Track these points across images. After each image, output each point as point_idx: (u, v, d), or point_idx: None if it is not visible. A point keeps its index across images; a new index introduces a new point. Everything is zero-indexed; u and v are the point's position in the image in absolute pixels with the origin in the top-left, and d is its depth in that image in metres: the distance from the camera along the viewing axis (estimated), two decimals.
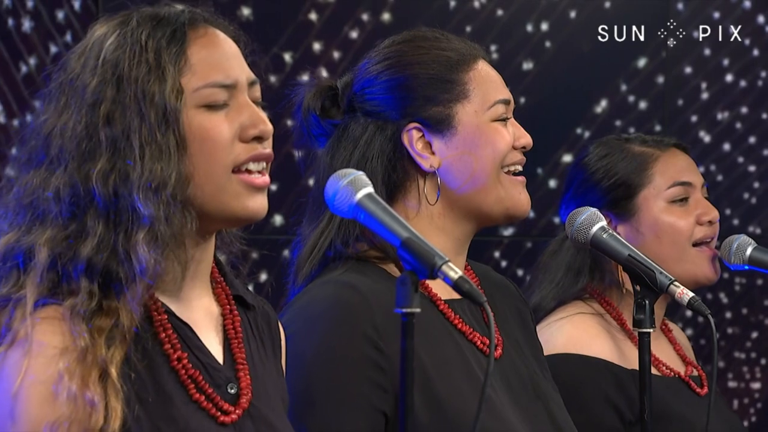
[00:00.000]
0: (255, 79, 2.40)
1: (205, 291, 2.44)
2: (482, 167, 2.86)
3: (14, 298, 2.28)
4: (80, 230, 2.30)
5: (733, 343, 4.66)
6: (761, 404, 4.67)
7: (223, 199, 2.35)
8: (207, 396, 2.35)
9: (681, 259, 3.35)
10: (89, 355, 2.25)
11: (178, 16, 2.36)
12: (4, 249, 2.31)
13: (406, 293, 2.28)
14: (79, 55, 2.36)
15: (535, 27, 4.49)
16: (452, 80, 2.88)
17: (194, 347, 2.37)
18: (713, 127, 4.64)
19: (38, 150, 2.35)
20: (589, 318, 3.32)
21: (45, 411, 2.24)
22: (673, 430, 3.19)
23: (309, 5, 4.32)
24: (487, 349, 2.86)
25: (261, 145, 2.37)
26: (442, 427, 2.73)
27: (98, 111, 2.31)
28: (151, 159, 2.30)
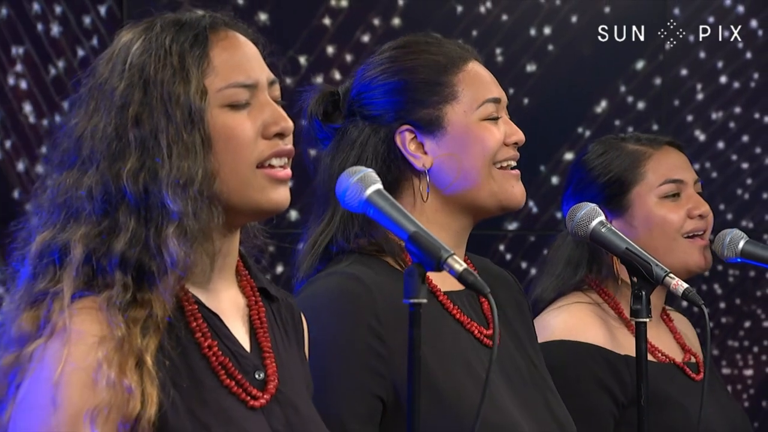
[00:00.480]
0: (274, 78, 2.40)
1: (231, 283, 2.44)
2: (473, 164, 2.85)
3: (51, 292, 2.28)
4: (113, 226, 2.30)
5: (726, 332, 4.65)
6: (753, 390, 4.67)
7: (249, 192, 2.35)
8: (237, 382, 2.35)
9: (672, 250, 3.35)
10: (126, 344, 2.25)
11: (199, 21, 2.37)
12: (40, 246, 2.31)
13: (413, 284, 2.28)
14: (107, 61, 2.36)
15: (538, 31, 4.49)
16: (441, 83, 2.87)
17: (223, 336, 2.37)
18: (708, 127, 4.64)
19: (70, 152, 2.35)
20: (585, 307, 3.32)
21: (86, 397, 2.24)
22: (666, 413, 3.17)
23: (323, 10, 4.32)
24: (486, 339, 2.87)
25: (282, 141, 2.37)
26: (440, 413, 2.73)
27: (127, 113, 2.31)
28: (178, 157, 2.30)
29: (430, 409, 2.71)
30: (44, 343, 2.25)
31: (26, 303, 2.29)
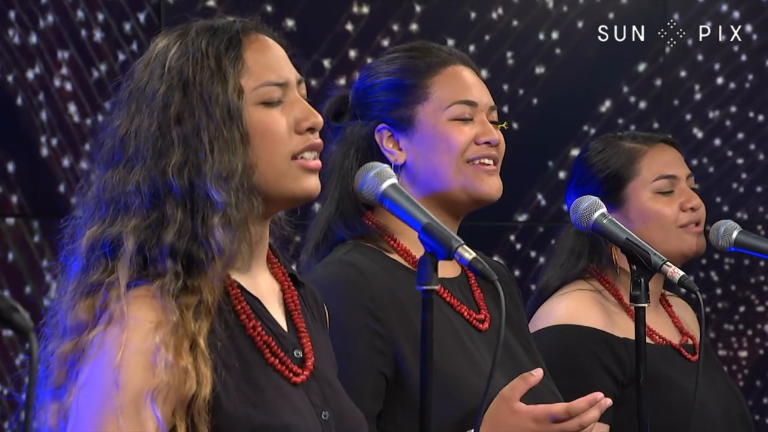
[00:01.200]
0: (301, 78, 2.41)
1: (265, 269, 2.45)
2: (440, 161, 2.86)
3: (106, 282, 2.28)
4: (161, 218, 2.30)
5: (723, 316, 4.64)
6: (748, 370, 4.66)
7: (284, 182, 2.36)
8: (279, 359, 2.36)
9: (668, 240, 3.35)
10: (180, 328, 2.25)
11: (231, 25, 2.38)
12: (90, 240, 2.31)
13: (426, 272, 2.29)
14: (145, 66, 2.37)
15: (546, 36, 4.48)
16: (414, 84, 2.88)
17: (264, 317, 2.38)
18: (705, 125, 4.63)
19: (114, 151, 2.35)
20: (586, 294, 3.31)
21: (146, 379, 2.24)
22: (662, 392, 3.16)
23: (346, 17, 4.32)
24: (476, 322, 2.90)
25: (313, 135, 2.38)
26: (438, 390, 2.66)
27: (169, 113, 2.32)
28: (219, 152, 2.31)
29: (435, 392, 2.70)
30: (103, 329, 2.25)
31: (81, 294, 2.29)
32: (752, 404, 4.58)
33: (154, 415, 2.23)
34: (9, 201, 4.00)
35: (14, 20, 4.01)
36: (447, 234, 2.31)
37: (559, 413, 2.69)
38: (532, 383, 2.69)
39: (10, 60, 3.99)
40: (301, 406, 2.35)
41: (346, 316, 2.69)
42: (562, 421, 2.69)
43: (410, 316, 2.76)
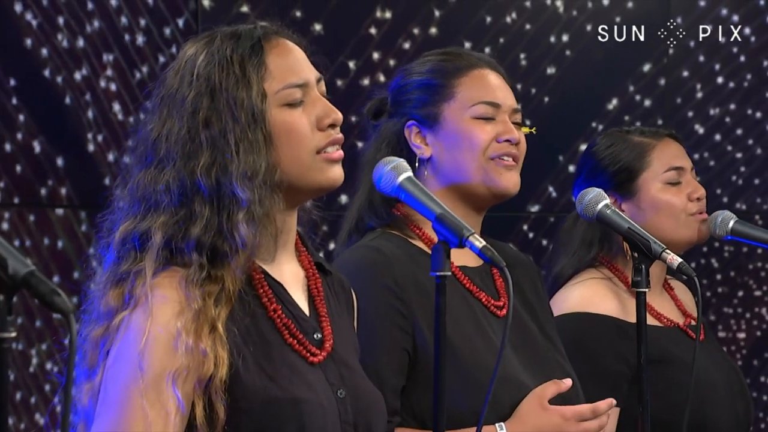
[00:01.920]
0: (320, 76, 2.41)
1: (291, 258, 2.45)
2: (464, 156, 2.85)
3: (134, 271, 2.29)
4: (189, 215, 2.31)
5: (722, 300, 4.63)
6: (746, 350, 4.65)
7: (311, 174, 2.36)
8: (298, 340, 2.36)
9: (677, 228, 3.33)
10: (201, 314, 2.26)
11: (253, 32, 2.37)
12: (123, 234, 2.33)
13: (439, 259, 2.28)
14: (175, 73, 2.37)
15: (557, 38, 4.48)
16: (442, 84, 2.87)
17: (286, 302, 2.38)
18: (706, 121, 4.62)
19: (147, 153, 2.36)
20: (598, 282, 3.29)
21: (167, 361, 2.25)
22: (671, 370, 3.15)
23: (369, 21, 4.32)
24: (494, 308, 2.88)
25: (334, 130, 2.38)
26: (454, 366, 2.73)
27: (197, 117, 2.32)
28: (244, 153, 2.31)
29: (450, 365, 2.64)
30: (129, 314, 2.27)
31: (112, 282, 2.31)
32: (750, 382, 4.57)
33: (175, 395, 2.23)
34: (58, 193, 4.02)
35: (63, 25, 4.02)
36: (459, 223, 2.29)
37: (585, 413, 2.70)
38: (562, 389, 2.70)
39: (59, 62, 4.01)
40: (317, 383, 2.35)
41: (371, 297, 2.68)
42: (587, 420, 2.69)
43: (431, 299, 2.63)
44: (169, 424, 2.23)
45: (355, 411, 2.38)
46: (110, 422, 2.25)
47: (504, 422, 2.71)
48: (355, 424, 2.37)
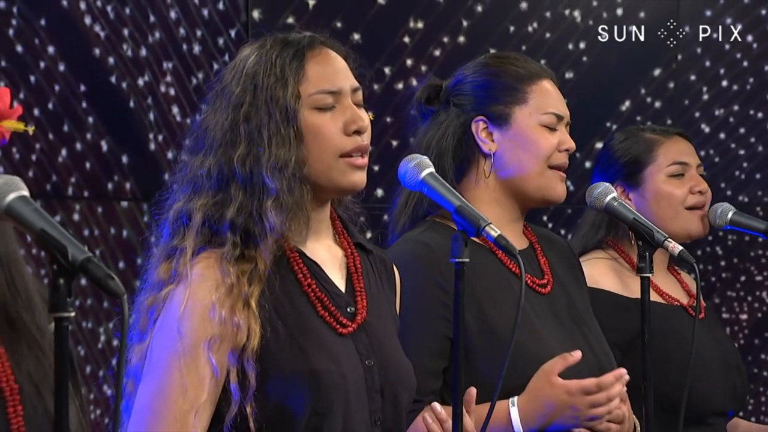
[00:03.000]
0: (358, 86, 2.40)
1: (328, 240, 2.44)
2: (528, 159, 2.80)
3: (180, 248, 2.31)
4: (225, 198, 2.32)
5: (726, 284, 4.61)
6: (747, 330, 4.63)
7: (332, 175, 2.36)
8: (330, 313, 2.36)
9: (676, 219, 3.32)
10: (235, 290, 2.27)
11: (300, 40, 2.39)
12: (174, 213, 2.35)
13: (458, 247, 2.28)
14: (230, 70, 2.39)
15: (574, 46, 4.46)
16: (516, 88, 2.82)
17: (320, 278, 2.38)
18: (712, 121, 4.59)
19: (199, 140, 2.39)
20: (602, 261, 3.29)
21: (203, 329, 2.26)
22: (669, 345, 3.14)
23: (403, 31, 4.31)
24: (538, 287, 2.84)
25: (360, 137, 2.36)
26: (492, 345, 2.70)
27: (239, 111, 2.34)
28: (276, 146, 2.32)
29: (488, 349, 2.69)
30: (173, 288, 2.29)
31: (163, 257, 2.34)
32: (751, 359, 4.55)
33: (210, 361, 2.25)
34: (123, 187, 4.03)
35: (127, 36, 4.03)
36: (476, 215, 2.29)
37: (590, 387, 2.63)
38: (570, 362, 2.64)
39: (124, 70, 4.01)
40: (344, 354, 2.34)
41: (417, 288, 2.65)
42: (593, 394, 2.63)
43: (473, 287, 2.70)
44: (203, 386, 2.24)
45: (383, 379, 2.37)
46: (152, 383, 2.27)
47: (516, 397, 2.66)
48: (381, 391, 2.36)
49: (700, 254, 4.52)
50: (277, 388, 2.27)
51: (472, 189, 2.81)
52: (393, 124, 4.23)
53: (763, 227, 3.28)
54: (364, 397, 2.34)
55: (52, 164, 3.89)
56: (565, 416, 2.65)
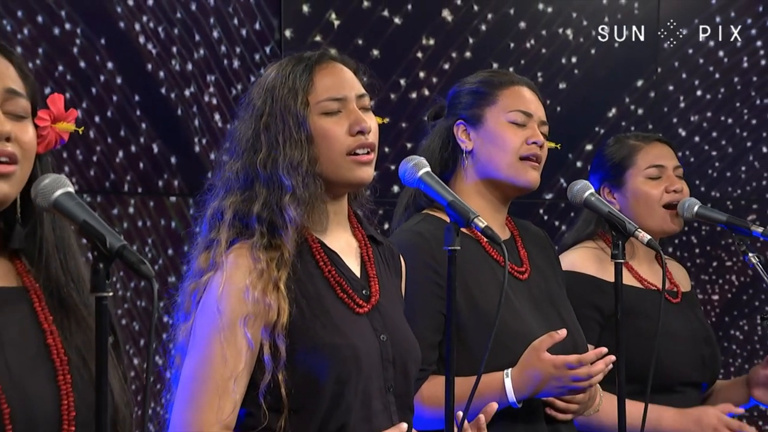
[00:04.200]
0: (363, 93, 2.41)
1: (345, 231, 2.45)
2: (497, 153, 2.83)
3: (216, 240, 2.34)
4: (251, 196, 2.35)
5: (700, 269, 4.61)
6: (719, 309, 4.62)
7: (341, 172, 2.38)
8: (348, 295, 2.37)
9: (652, 216, 3.32)
10: (265, 274, 2.29)
11: (311, 57, 2.41)
12: (211, 210, 2.38)
13: (451, 237, 2.29)
14: (254, 87, 2.43)
15: (567, 60, 4.47)
16: (488, 92, 2.85)
17: (339, 265, 2.39)
18: (687, 126, 4.60)
19: (231, 147, 2.42)
20: (587, 249, 3.30)
21: (239, 308, 2.28)
22: (640, 323, 3.14)
23: (417, 47, 4.32)
24: (517, 273, 2.86)
25: (364, 136, 2.37)
26: (479, 323, 2.72)
27: (260, 121, 2.37)
28: (290, 148, 2.34)
29: (477, 327, 2.71)
30: (212, 274, 2.31)
31: (203, 248, 2.36)
32: (722, 334, 4.55)
33: (246, 336, 2.27)
34: (172, 184, 4.02)
35: (176, 53, 4.03)
36: (467, 208, 2.31)
37: (572, 362, 2.65)
38: (557, 340, 2.66)
39: (173, 82, 4.02)
40: (361, 330, 2.36)
41: (414, 271, 2.66)
42: (575, 368, 2.64)
43: (462, 272, 2.71)
44: (241, 357, 2.26)
45: (395, 352, 2.39)
46: (197, 355, 2.29)
47: (509, 369, 2.68)
48: (393, 361, 2.38)
49: (677, 243, 4.53)
50: (304, 359, 2.28)
51: (458, 184, 2.85)
52: (407, 128, 4.24)
53: (723, 218, 3.27)
54: (379, 368, 2.35)
55: (111, 164, 3.90)
56: (550, 386, 2.68)
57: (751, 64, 4.54)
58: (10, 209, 1.89)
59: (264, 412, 2.27)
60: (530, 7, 4.40)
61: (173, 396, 2.30)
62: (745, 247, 3.19)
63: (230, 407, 2.25)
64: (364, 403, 2.32)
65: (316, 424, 2.27)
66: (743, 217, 4.29)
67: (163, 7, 3.95)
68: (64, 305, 1.90)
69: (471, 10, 4.33)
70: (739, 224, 3.24)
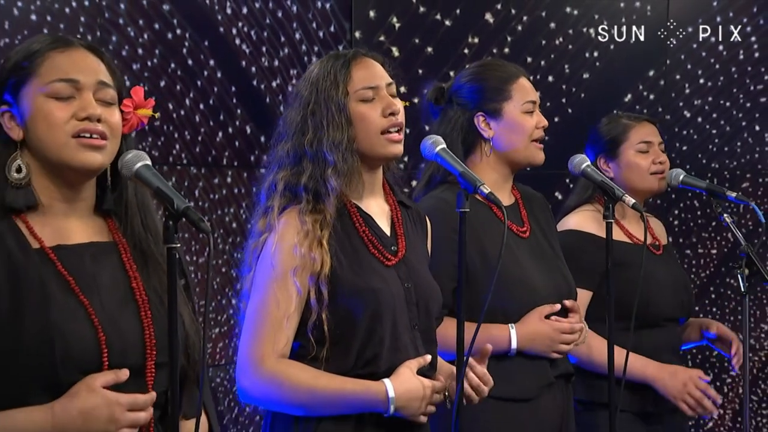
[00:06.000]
0: (391, 81, 2.42)
1: (379, 197, 2.46)
2: (516, 138, 2.86)
3: (270, 207, 2.37)
4: (299, 170, 2.37)
5: (701, 228, 4.54)
6: (716, 261, 4.52)
7: (376, 149, 2.39)
8: (378, 251, 2.38)
9: (643, 182, 3.36)
10: (311, 233, 2.31)
11: (347, 54, 2.43)
12: (267, 183, 2.41)
13: (462, 201, 2.33)
14: (303, 80, 2.44)
15: (590, 54, 4.40)
16: (503, 88, 2.86)
17: (372, 226, 2.40)
18: (692, 109, 4.52)
19: (282, 131, 2.44)
20: (588, 212, 3.32)
21: (290, 261, 2.30)
22: (632, 270, 3.13)
23: (464, 45, 4.28)
24: (520, 233, 2.86)
25: (395, 117, 2.38)
26: (487, 270, 2.74)
27: (307, 108, 2.38)
28: (333, 130, 2.35)
29: (486, 276, 2.73)
30: (268, 235, 2.35)
31: (261, 214, 2.39)
32: (719, 282, 4.48)
33: (295, 284, 2.29)
34: (261, 159, 3.92)
35: (265, 52, 3.98)
36: (474, 177, 2.34)
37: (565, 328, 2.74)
38: (556, 309, 2.74)
39: (262, 76, 3.98)
40: (390, 279, 2.37)
41: (438, 230, 2.66)
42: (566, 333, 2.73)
43: (478, 232, 2.74)
44: (292, 301, 2.29)
45: (417, 296, 2.40)
46: (257, 299, 2.32)
47: (514, 324, 2.72)
48: (417, 304, 2.40)
49: (682, 206, 4.49)
50: (343, 301, 2.29)
51: (477, 163, 2.89)
52: None
53: (704, 185, 3.27)
54: (405, 309, 2.36)
55: (212, 142, 3.89)
56: (543, 344, 2.73)
57: (746, 56, 4.47)
58: (102, 178, 1.94)
59: (312, 344, 2.30)
60: (559, 11, 4.38)
61: (240, 331, 2.33)
62: (721, 209, 3.18)
63: (284, 340, 2.28)
64: (393, 337, 2.32)
65: (353, 354, 2.30)
66: (738, 185, 4.28)
67: (255, 15, 3.96)
68: (145, 255, 1.94)
69: (509, 13, 4.32)
70: (716, 190, 3.23)
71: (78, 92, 1.86)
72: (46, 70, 1.84)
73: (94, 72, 1.89)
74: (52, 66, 1.85)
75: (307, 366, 2.29)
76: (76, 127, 1.84)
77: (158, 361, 1.87)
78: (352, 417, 2.28)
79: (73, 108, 1.84)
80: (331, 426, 2.27)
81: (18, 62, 1.85)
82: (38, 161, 1.85)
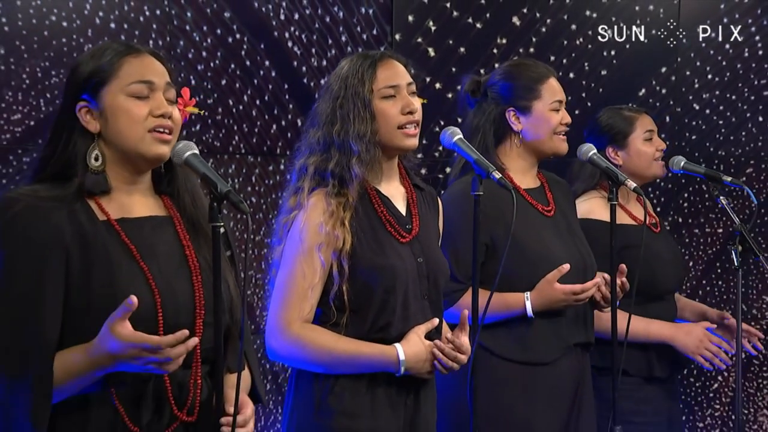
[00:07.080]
0: (411, 81, 2.40)
1: (395, 181, 2.46)
2: (543, 131, 2.87)
3: (301, 187, 2.37)
4: (327, 157, 2.37)
5: (708, 209, 4.50)
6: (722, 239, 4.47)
7: (393, 141, 2.39)
8: (395, 229, 2.40)
9: (648, 168, 3.36)
10: (335, 214, 2.32)
11: (374, 55, 2.42)
12: (298, 166, 2.41)
13: (476, 185, 2.37)
14: (333, 75, 2.43)
15: (608, 53, 4.38)
16: (533, 87, 2.86)
17: (389, 206, 2.41)
18: (701, 102, 4.47)
19: (314, 120, 2.43)
20: (597, 199, 3.31)
21: (315, 238, 2.31)
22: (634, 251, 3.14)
23: (493, 45, 4.26)
24: (545, 212, 2.88)
25: (412, 115, 2.37)
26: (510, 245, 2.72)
27: (336, 102, 2.38)
28: (358, 123, 2.35)
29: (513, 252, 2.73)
30: (297, 213, 2.36)
31: (291, 193, 2.40)
32: (724, 258, 4.43)
33: (320, 258, 2.31)
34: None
35: (314, 53, 3.98)
36: (487, 164, 2.37)
37: (576, 290, 2.70)
38: (563, 272, 2.70)
39: (311, 74, 3.95)
40: (404, 254, 2.38)
41: (461, 210, 2.67)
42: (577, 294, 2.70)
43: (503, 213, 2.75)
44: (316, 273, 2.31)
45: (428, 270, 2.41)
46: (285, 271, 2.34)
47: (528, 292, 2.73)
48: (428, 277, 2.41)
49: (692, 189, 4.46)
50: (362, 274, 2.31)
51: (507, 152, 2.91)
52: None
53: (702, 170, 3.26)
54: (416, 281, 2.37)
55: (267, 133, 3.85)
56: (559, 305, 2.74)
57: (751, 53, 4.42)
58: None
59: (333, 312, 2.31)
60: (579, 14, 4.35)
61: (269, 298, 2.36)
62: (718, 191, 3.16)
63: (308, 308, 2.30)
64: (403, 307, 2.34)
65: (369, 321, 2.32)
66: (743, 170, 4.24)
67: (305, 20, 3.97)
68: (195, 228, 1.99)
69: (534, 17, 4.30)
70: (714, 175, 3.21)
71: (152, 92, 1.91)
72: (125, 73, 1.89)
73: (162, 74, 1.95)
74: (130, 69, 1.90)
75: (328, 330, 2.30)
76: (152, 123, 1.89)
77: (206, 320, 1.90)
78: (366, 374, 2.31)
79: (149, 106, 1.90)
80: (348, 382, 2.30)
81: (98, 66, 1.90)
82: (113, 151, 1.90)
